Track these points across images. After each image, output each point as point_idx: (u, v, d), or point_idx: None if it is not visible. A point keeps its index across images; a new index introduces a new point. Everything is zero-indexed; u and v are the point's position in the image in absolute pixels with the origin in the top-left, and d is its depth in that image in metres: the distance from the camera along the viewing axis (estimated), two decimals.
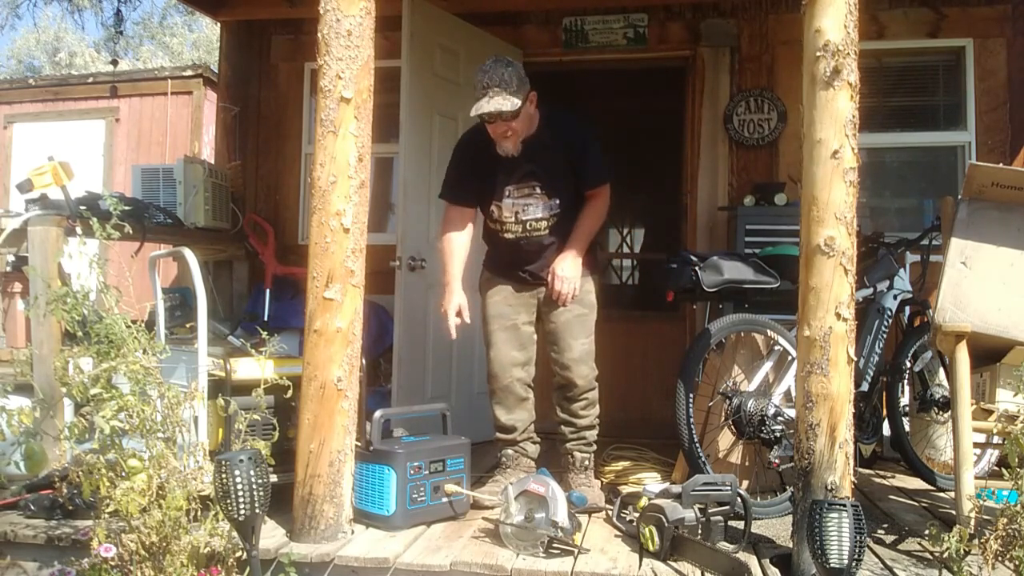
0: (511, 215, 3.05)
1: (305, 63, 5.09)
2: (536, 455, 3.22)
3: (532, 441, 3.22)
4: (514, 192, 3.03)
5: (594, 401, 3.13)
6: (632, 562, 2.42)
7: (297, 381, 2.63)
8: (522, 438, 3.17)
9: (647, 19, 4.76)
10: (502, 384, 3.10)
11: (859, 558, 2.08)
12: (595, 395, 3.13)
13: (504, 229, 3.08)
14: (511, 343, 3.11)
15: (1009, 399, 2.72)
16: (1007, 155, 4.41)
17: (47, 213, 3.39)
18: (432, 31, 4.07)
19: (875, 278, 3.49)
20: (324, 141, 2.58)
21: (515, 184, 3.03)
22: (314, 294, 2.59)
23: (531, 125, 3.00)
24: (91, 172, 7.44)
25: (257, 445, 2.42)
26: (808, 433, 2.35)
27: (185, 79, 7.73)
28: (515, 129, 2.93)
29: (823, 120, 2.34)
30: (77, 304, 2.41)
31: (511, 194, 3.03)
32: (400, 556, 2.42)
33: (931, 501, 3.29)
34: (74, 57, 18.22)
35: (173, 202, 4.53)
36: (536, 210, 3.02)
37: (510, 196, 3.03)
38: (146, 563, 2.24)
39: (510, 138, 2.95)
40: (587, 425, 3.12)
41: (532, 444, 3.22)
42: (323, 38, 2.59)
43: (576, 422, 3.11)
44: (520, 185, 3.03)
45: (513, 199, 3.03)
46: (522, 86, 2.87)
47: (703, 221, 4.64)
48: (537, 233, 3.04)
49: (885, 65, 4.69)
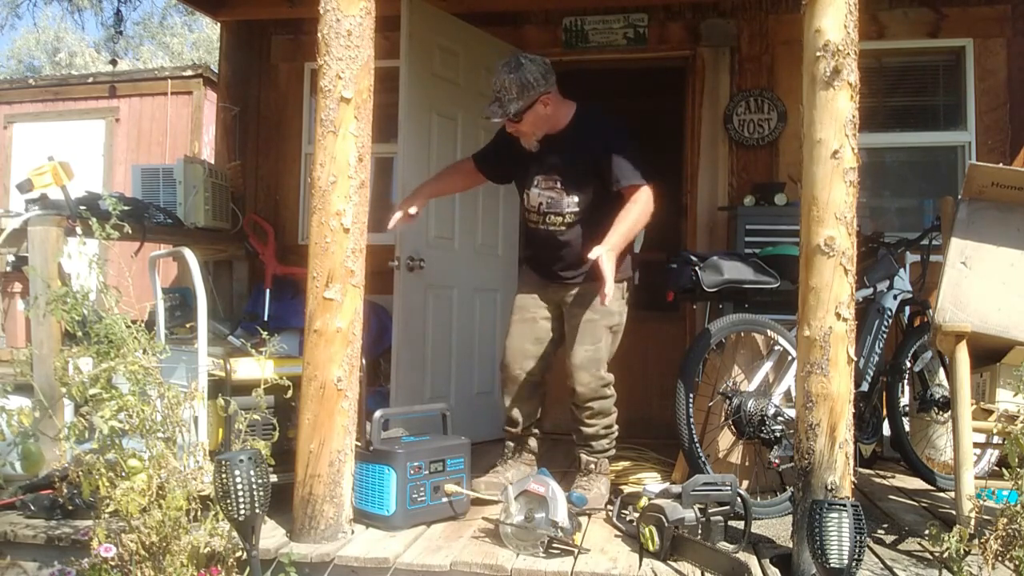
0: (536, 205, 3.08)
1: (305, 63, 5.09)
2: (537, 450, 3.23)
3: (535, 437, 3.22)
4: (542, 183, 3.06)
5: (602, 411, 3.05)
6: (632, 562, 2.41)
7: (297, 381, 2.63)
8: (524, 432, 3.18)
9: (647, 19, 4.76)
10: (511, 374, 3.13)
11: (859, 558, 2.08)
12: (603, 405, 3.04)
13: (530, 219, 3.13)
14: (526, 336, 3.12)
15: (1009, 399, 2.72)
16: (1007, 155, 4.41)
17: (47, 213, 3.38)
18: (431, 31, 4.07)
19: (875, 278, 3.49)
20: (324, 141, 2.58)
21: (543, 175, 3.05)
22: (314, 294, 2.59)
23: (555, 122, 3.00)
24: (91, 172, 7.44)
25: (257, 445, 2.42)
26: (808, 433, 2.35)
27: (185, 79, 7.73)
28: (521, 131, 2.98)
29: (823, 120, 2.34)
30: (77, 304, 2.41)
31: (539, 184, 3.06)
32: (400, 556, 2.42)
33: (931, 501, 3.29)
34: (74, 57, 18.22)
35: (173, 202, 4.52)
36: (556, 204, 3.03)
37: (538, 186, 3.06)
38: (146, 563, 2.24)
39: (522, 137, 3.01)
40: (591, 435, 3.06)
41: (535, 439, 3.22)
42: (323, 38, 2.59)
43: (581, 429, 3.07)
44: (545, 177, 3.05)
45: (540, 189, 3.06)
46: (525, 90, 2.88)
47: (703, 221, 4.64)
48: (555, 227, 3.04)
49: (885, 65, 4.69)
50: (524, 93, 2.88)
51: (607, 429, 3.09)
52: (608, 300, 2.78)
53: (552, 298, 3.12)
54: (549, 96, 2.93)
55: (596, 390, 3.01)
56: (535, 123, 2.96)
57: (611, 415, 3.09)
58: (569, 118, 3.02)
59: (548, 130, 3.00)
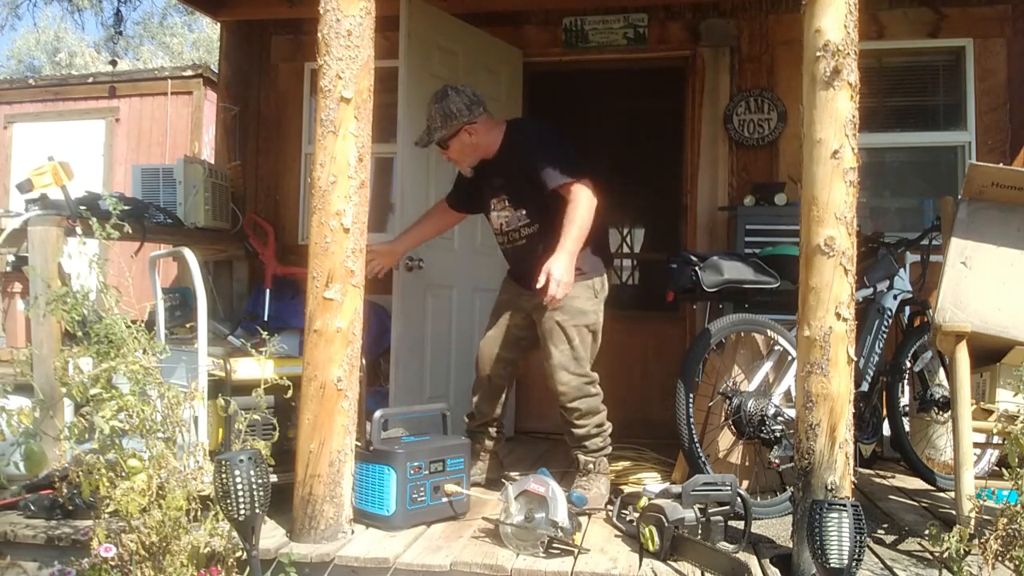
0: (498, 227, 3.21)
1: (305, 63, 5.09)
2: (492, 448, 3.36)
3: (489, 437, 3.35)
4: (496, 205, 3.19)
5: (590, 411, 3.05)
6: (632, 562, 2.41)
7: (297, 381, 2.63)
8: (477, 428, 3.33)
9: (647, 19, 4.76)
10: (481, 374, 3.31)
11: (859, 558, 2.08)
12: (590, 404, 3.05)
13: (499, 241, 3.27)
14: (498, 340, 3.26)
15: (1009, 399, 2.72)
16: (1007, 155, 4.41)
17: (47, 213, 3.38)
18: (431, 31, 4.07)
19: (875, 278, 3.49)
20: (324, 141, 2.58)
21: (495, 198, 3.18)
22: (314, 294, 2.59)
23: (486, 148, 3.12)
24: (91, 172, 7.44)
25: (257, 445, 2.42)
26: (808, 433, 2.35)
27: (185, 79, 7.73)
28: (451, 159, 3.18)
29: (823, 120, 2.34)
30: (77, 304, 2.41)
31: (494, 206, 3.20)
32: (400, 556, 2.42)
33: (931, 501, 3.29)
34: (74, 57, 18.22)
35: (173, 202, 4.52)
36: (511, 222, 3.14)
37: (494, 209, 3.20)
38: (146, 563, 2.24)
39: (454, 163, 3.21)
40: (583, 436, 3.07)
41: (489, 439, 3.35)
42: (323, 38, 2.59)
43: (573, 432, 3.09)
44: (496, 199, 3.18)
45: (496, 211, 3.20)
46: (448, 120, 3.04)
47: (703, 221, 4.64)
48: (519, 243, 3.15)
49: (885, 65, 4.68)
50: (447, 123, 3.05)
51: (599, 428, 3.10)
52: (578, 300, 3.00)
53: (524, 306, 3.18)
54: (474, 126, 3.07)
55: (579, 388, 3.03)
56: (461, 151, 3.12)
57: (600, 413, 3.10)
58: (500, 140, 3.12)
59: (482, 156, 3.13)
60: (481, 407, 3.32)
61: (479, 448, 3.32)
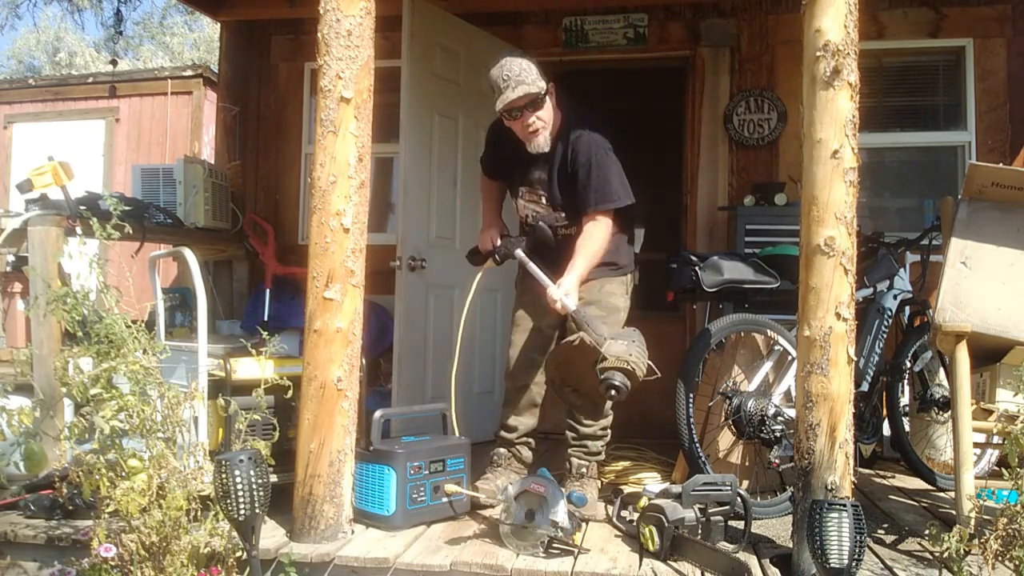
0: (524, 216, 3.07)
1: (305, 63, 5.10)
2: (530, 460, 3.20)
3: (529, 447, 3.19)
4: (526, 195, 3.03)
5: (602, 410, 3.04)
6: (632, 562, 2.41)
7: (297, 381, 2.63)
8: (519, 441, 3.16)
9: (647, 19, 4.76)
10: (518, 384, 3.10)
11: (859, 558, 2.08)
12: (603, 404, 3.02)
13: (521, 225, 3.11)
14: (532, 345, 3.08)
15: (1009, 399, 2.72)
16: (1007, 155, 4.41)
17: (47, 213, 3.38)
18: (432, 31, 4.07)
19: (875, 278, 3.49)
20: (324, 141, 2.58)
21: (527, 188, 3.02)
22: (314, 294, 2.59)
23: (555, 125, 2.88)
24: (91, 172, 7.44)
25: (257, 445, 2.42)
26: (808, 433, 2.35)
27: (185, 79, 7.73)
28: (544, 120, 2.84)
29: (823, 120, 2.34)
30: (77, 304, 2.41)
31: (523, 195, 3.04)
32: (400, 556, 2.42)
33: (931, 501, 3.29)
34: (74, 57, 18.22)
35: (173, 202, 4.53)
36: (544, 219, 2.97)
37: (522, 197, 3.04)
38: (146, 563, 2.24)
39: (539, 132, 2.84)
40: (589, 434, 3.05)
41: (528, 449, 3.19)
42: (323, 38, 2.59)
43: (578, 428, 3.06)
44: (528, 190, 3.02)
45: (524, 201, 3.04)
46: (542, 75, 2.81)
47: (703, 221, 4.64)
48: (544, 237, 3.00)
49: (885, 65, 4.69)
50: (542, 77, 2.79)
51: (603, 431, 3.08)
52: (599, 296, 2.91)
53: None
54: (553, 85, 2.87)
55: None
56: (551, 115, 2.86)
57: (608, 417, 3.08)
58: (558, 128, 2.91)
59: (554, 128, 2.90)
60: (521, 419, 3.11)
61: (517, 462, 3.13)
